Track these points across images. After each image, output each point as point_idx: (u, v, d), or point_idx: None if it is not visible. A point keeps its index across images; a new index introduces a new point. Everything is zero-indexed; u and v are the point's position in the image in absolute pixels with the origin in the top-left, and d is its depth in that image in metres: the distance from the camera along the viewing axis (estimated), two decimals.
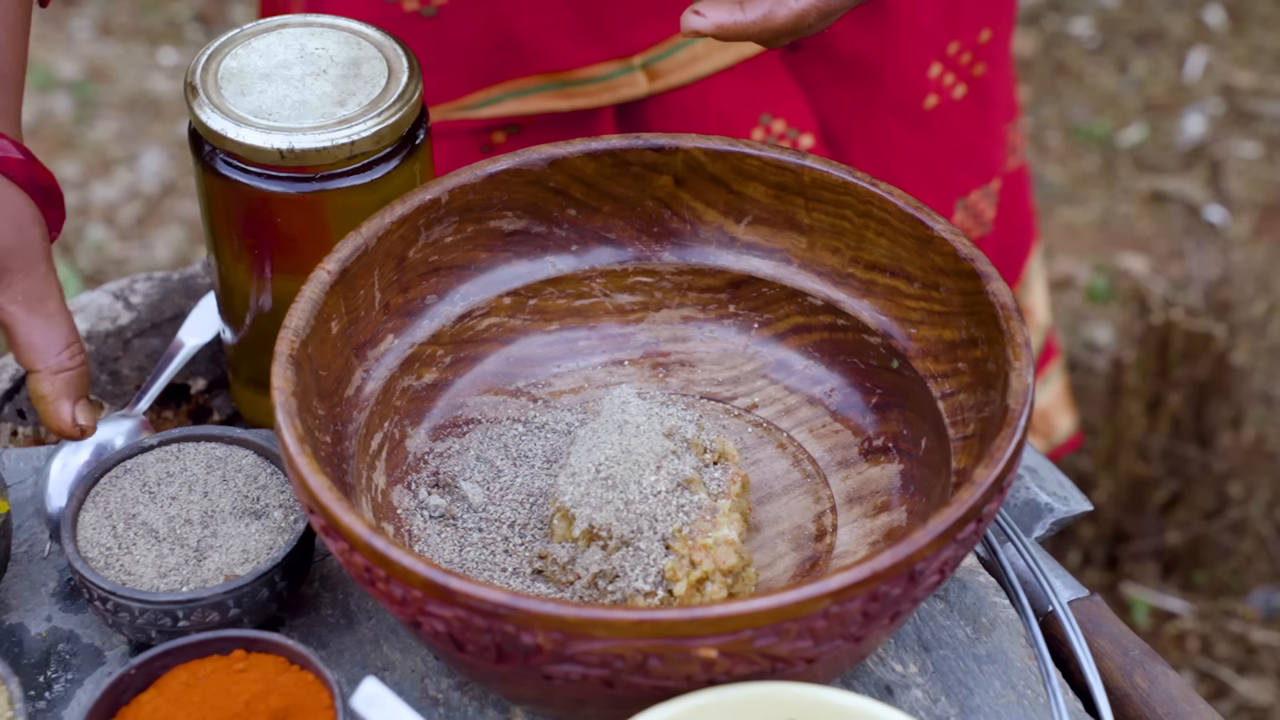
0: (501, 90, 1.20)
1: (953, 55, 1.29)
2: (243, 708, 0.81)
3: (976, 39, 1.29)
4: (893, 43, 1.26)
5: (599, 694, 0.78)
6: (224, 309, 1.03)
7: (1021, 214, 1.46)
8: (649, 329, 1.00)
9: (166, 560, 0.89)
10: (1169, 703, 0.90)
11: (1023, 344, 0.86)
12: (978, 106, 1.32)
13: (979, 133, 1.34)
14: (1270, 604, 1.93)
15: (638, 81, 1.21)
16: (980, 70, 1.31)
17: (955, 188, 1.35)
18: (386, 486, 0.92)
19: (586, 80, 1.20)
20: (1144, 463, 1.90)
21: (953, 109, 1.31)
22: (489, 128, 1.22)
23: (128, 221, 2.44)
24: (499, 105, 1.20)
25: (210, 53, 0.98)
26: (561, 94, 1.20)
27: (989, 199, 1.38)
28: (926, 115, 1.30)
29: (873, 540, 0.91)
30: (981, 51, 1.30)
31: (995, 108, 1.35)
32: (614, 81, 1.21)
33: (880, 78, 1.27)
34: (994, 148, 1.37)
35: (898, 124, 1.29)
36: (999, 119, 1.36)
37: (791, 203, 0.97)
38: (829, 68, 1.26)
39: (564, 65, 1.19)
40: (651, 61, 1.20)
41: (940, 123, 1.31)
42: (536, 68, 1.19)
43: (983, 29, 1.30)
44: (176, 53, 2.68)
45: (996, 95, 1.34)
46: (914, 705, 0.88)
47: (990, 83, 1.33)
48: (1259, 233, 2.40)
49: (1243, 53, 2.66)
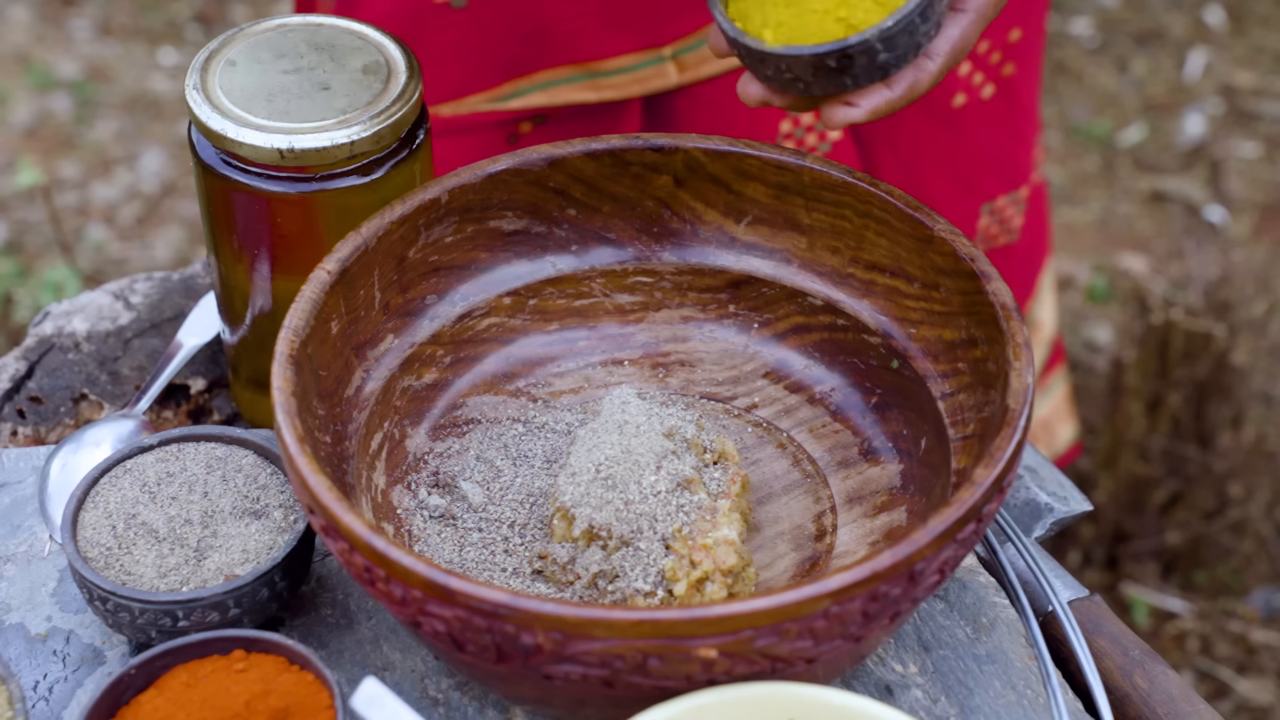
0: (530, 82, 1.20)
1: (982, 54, 1.28)
2: (243, 708, 0.81)
3: (1006, 38, 1.29)
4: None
5: (599, 694, 0.78)
6: (224, 309, 1.03)
7: (1041, 227, 1.46)
8: (649, 329, 1.00)
9: (166, 560, 0.89)
10: (1169, 703, 0.90)
11: (1023, 344, 0.86)
12: (1006, 108, 1.32)
13: (1007, 136, 1.33)
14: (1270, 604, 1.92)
15: (668, 73, 1.20)
16: (1009, 70, 1.30)
17: (981, 191, 1.34)
18: (386, 486, 0.92)
19: (616, 71, 1.20)
20: (1144, 463, 1.90)
21: (980, 109, 1.30)
22: (517, 119, 1.21)
23: (128, 221, 2.44)
24: (528, 97, 1.20)
25: (210, 53, 0.98)
26: (591, 85, 1.20)
27: (1017, 206, 1.37)
28: (954, 114, 1.30)
29: (873, 540, 0.91)
30: (1011, 51, 1.30)
31: (1025, 112, 1.34)
32: (643, 72, 1.20)
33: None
34: (1023, 154, 1.36)
35: (924, 122, 1.28)
36: (1028, 126, 1.35)
37: (791, 203, 0.97)
38: None
39: (593, 55, 1.19)
40: (682, 52, 1.20)
41: (967, 122, 1.30)
42: (566, 58, 1.19)
43: (1013, 28, 1.29)
44: (176, 53, 2.68)
45: (1025, 100, 1.33)
46: (914, 705, 0.88)
47: (1019, 85, 1.32)
48: (1259, 233, 2.40)
49: (1243, 53, 2.66)
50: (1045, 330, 1.53)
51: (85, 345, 1.10)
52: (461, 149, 1.18)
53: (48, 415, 1.07)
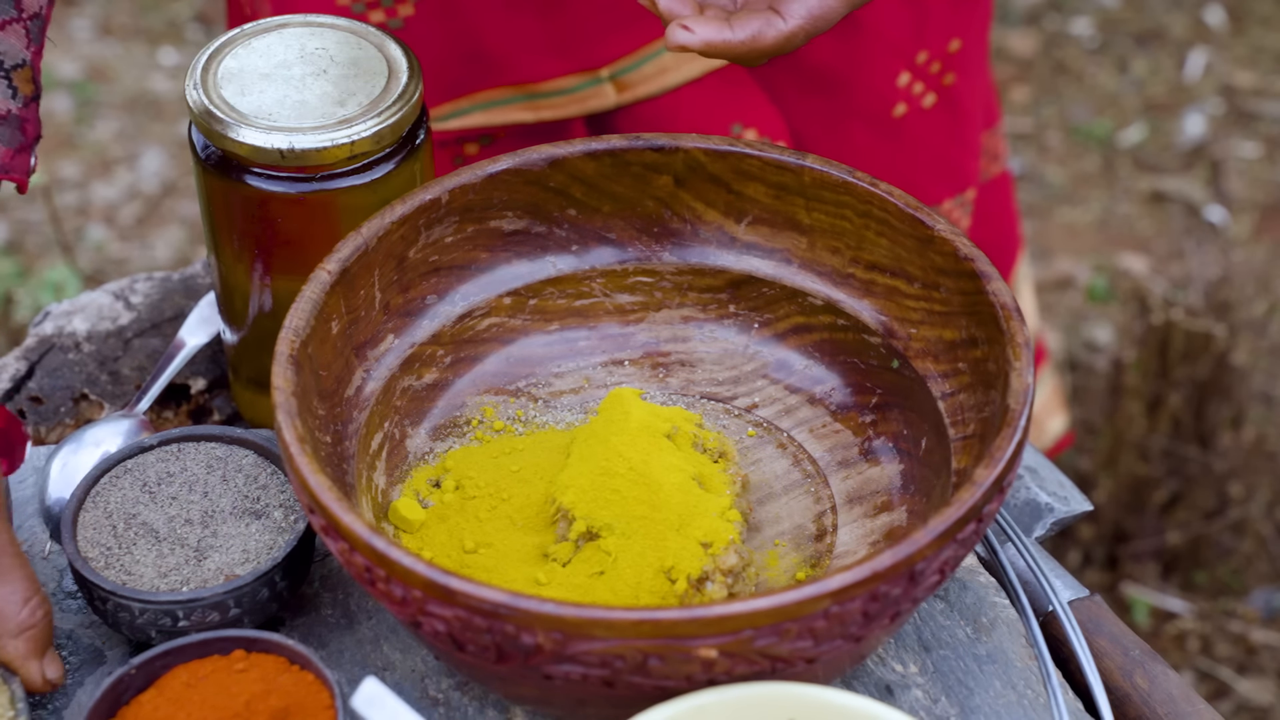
0: (470, 102, 1.20)
1: (922, 64, 1.28)
2: (243, 708, 0.81)
3: (946, 48, 1.29)
4: (860, 52, 1.25)
5: (599, 694, 0.78)
6: (224, 309, 1.03)
7: (1005, 222, 1.45)
8: (649, 329, 1.00)
9: (167, 560, 0.89)
10: (1169, 703, 0.90)
11: (1023, 344, 0.86)
12: (948, 115, 1.32)
13: (950, 142, 1.33)
14: (1270, 604, 1.93)
15: (606, 93, 1.20)
16: (950, 79, 1.31)
17: (927, 197, 1.34)
18: (387, 486, 0.92)
19: (554, 93, 1.20)
20: (1144, 463, 1.90)
21: (922, 117, 1.30)
22: (461, 139, 1.21)
23: (128, 221, 2.44)
24: (468, 117, 1.20)
25: (210, 53, 0.98)
26: (529, 106, 1.20)
27: (963, 208, 1.38)
28: (896, 124, 1.30)
29: (873, 540, 0.91)
30: (952, 61, 1.30)
31: (968, 117, 1.34)
32: (582, 94, 1.20)
33: (848, 87, 1.27)
34: (967, 157, 1.36)
35: (867, 133, 1.29)
36: (973, 128, 1.36)
37: (791, 203, 0.97)
38: (796, 77, 1.25)
39: (532, 77, 1.19)
40: (620, 74, 1.20)
41: (909, 131, 1.30)
42: (504, 79, 1.19)
43: (952, 39, 1.29)
44: (176, 53, 2.68)
45: (969, 104, 1.34)
46: (914, 705, 0.88)
47: (962, 92, 1.32)
48: (1259, 233, 2.40)
49: (1243, 53, 2.66)
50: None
51: (85, 345, 1.10)
52: None
53: (48, 415, 1.07)
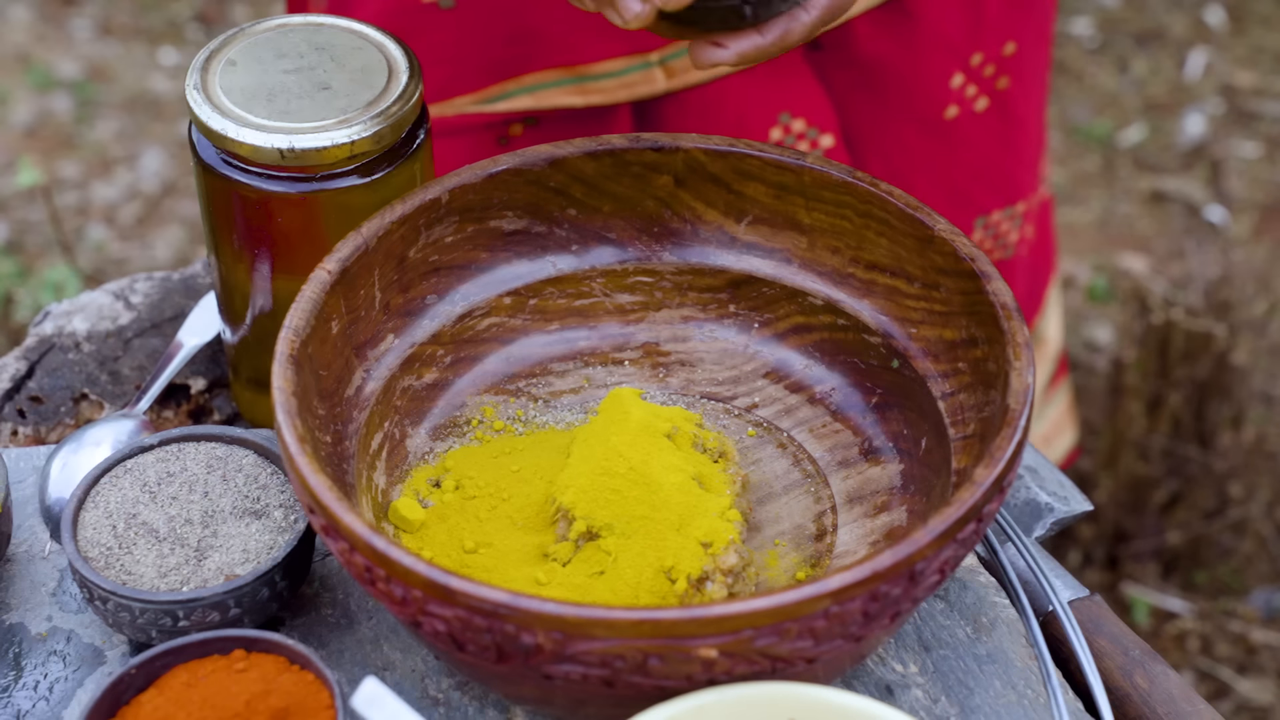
0: (517, 84, 1.19)
1: (976, 66, 1.27)
2: (243, 707, 0.81)
3: (1000, 51, 1.28)
4: (915, 49, 1.24)
5: (599, 694, 0.78)
6: (224, 309, 1.03)
7: (1046, 242, 1.44)
8: (649, 329, 1.00)
9: (167, 560, 0.89)
10: (1169, 703, 0.90)
11: (1023, 344, 0.86)
12: (1000, 122, 1.30)
13: (1001, 149, 1.32)
14: (1270, 604, 1.92)
15: (655, 79, 1.20)
16: (1004, 84, 1.29)
17: (974, 204, 1.33)
18: (387, 486, 0.92)
19: (603, 75, 1.19)
20: (1144, 463, 1.90)
21: (973, 121, 1.29)
22: (507, 121, 1.21)
23: (128, 221, 2.44)
24: (515, 100, 1.20)
25: (210, 53, 0.98)
26: (578, 89, 1.19)
27: (1012, 221, 1.36)
28: (946, 126, 1.28)
29: (873, 540, 0.91)
30: (1006, 64, 1.29)
31: (1021, 125, 1.32)
32: (630, 77, 1.20)
33: (901, 84, 1.25)
34: (1019, 169, 1.34)
35: (916, 133, 1.28)
36: (1026, 138, 1.34)
37: (792, 203, 0.97)
38: (850, 71, 1.24)
39: (581, 59, 1.18)
40: (670, 58, 1.19)
41: (960, 134, 1.29)
42: (553, 61, 1.18)
43: (1007, 41, 1.28)
44: (176, 53, 2.68)
45: (1023, 112, 1.31)
46: (914, 705, 0.88)
47: (1015, 98, 1.30)
48: (1259, 233, 2.40)
49: (1243, 53, 2.66)
50: (1051, 346, 1.52)
51: (85, 345, 1.10)
52: (452, 150, 1.17)
53: (48, 415, 1.07)
